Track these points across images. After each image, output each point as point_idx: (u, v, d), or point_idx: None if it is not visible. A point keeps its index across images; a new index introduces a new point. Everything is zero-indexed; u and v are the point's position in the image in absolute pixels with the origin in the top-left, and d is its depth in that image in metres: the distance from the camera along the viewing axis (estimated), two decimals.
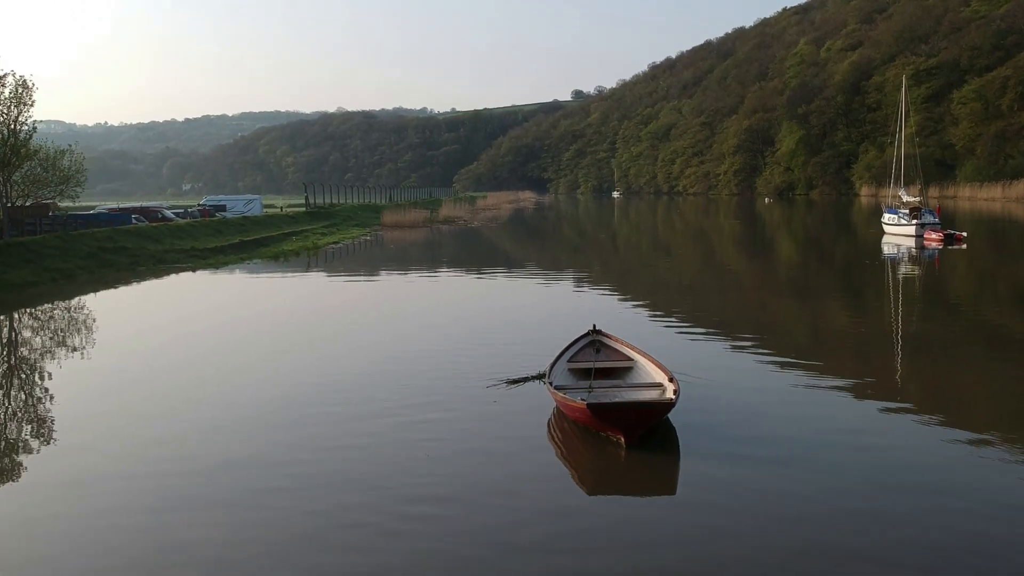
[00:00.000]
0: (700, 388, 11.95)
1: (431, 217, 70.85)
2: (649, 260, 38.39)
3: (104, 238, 33.37)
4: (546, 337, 15.45)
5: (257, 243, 41.07)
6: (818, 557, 7.01)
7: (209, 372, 14.51)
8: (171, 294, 26.83)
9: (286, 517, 7.99)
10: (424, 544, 7.39)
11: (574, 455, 9.78)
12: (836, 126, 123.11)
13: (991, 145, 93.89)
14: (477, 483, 8.77)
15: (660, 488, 8.91)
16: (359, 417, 11.08)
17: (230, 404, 12.05)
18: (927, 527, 7.52)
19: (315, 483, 8.81)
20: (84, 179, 39.79)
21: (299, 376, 13.72)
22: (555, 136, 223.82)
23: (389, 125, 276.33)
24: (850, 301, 22.71)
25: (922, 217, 41.24)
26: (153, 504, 8.35)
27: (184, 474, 9.17)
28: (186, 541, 7.53)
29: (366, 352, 15.81)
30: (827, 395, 12.01)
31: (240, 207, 60.53)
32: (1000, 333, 17.51)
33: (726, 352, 15.37)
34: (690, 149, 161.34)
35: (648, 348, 15.16)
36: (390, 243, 48.85)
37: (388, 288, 27.51)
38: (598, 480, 9.18)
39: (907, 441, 9.91)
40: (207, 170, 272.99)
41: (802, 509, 7.93)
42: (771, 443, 9.77)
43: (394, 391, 12.37)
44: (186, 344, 17.30)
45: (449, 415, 11.10)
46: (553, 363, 11.98)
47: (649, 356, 12.06)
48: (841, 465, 9.00)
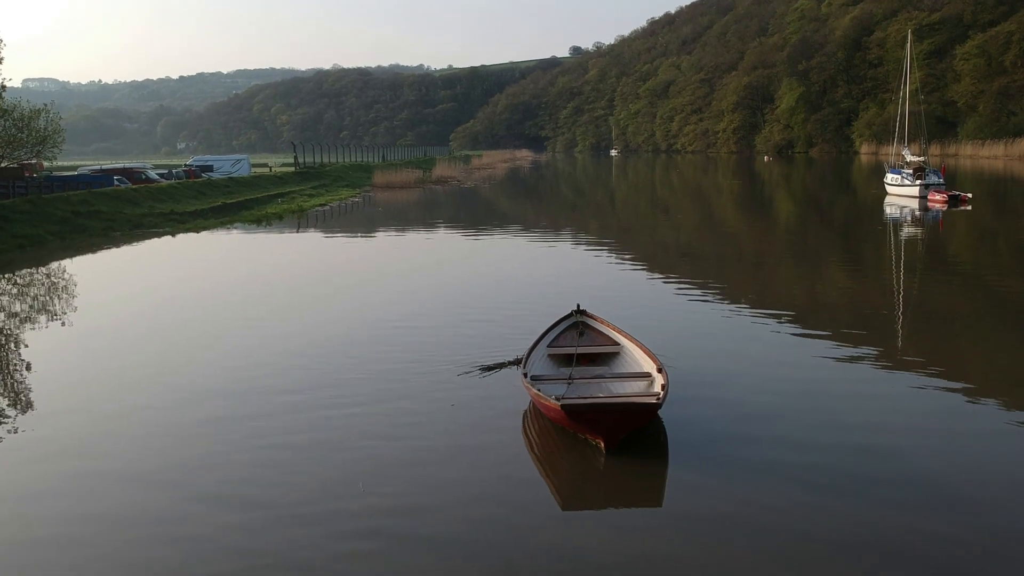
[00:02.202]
0: (694, 373, 10.98)
1: (424, 177, 69.69)
2: (647, 221, 37.44)
3: (79, 201, 32.20)
4: (529, 313, 14.56)
5: (241, 206, 39.96)
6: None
7: (159, 352, 13.57)
8: (141, 262, 25.86)
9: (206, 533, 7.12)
10: (364, 568, 6.48)
11: (549, 459, 8.69)
12: (837, 83, 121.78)
13: (994, 102, 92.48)
14: (431, 494, 7.68)
15: (644, 498, 7.81)
16: (311, 407, 10.12)
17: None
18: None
19: (236, 496, 7.90)
20: (62, 139, 38.59)
21: (257, 356, 12.75)
22: (552, 93, 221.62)
23: (385, 82, 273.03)
24: (856, 268, 21.73)
25: (926, 177, 40.09)
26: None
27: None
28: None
29: (334, 328, 14.73)
30: (838, 381, 10.90)
31: (228, 167, 59.28)
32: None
33: (724, 327, 14.29)
34: (689, 106, 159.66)
35: (642, 318, 14.35)
36: (379, 205, 47.76)
37: (371, 253, 26.58)
38: (574, 490, 8.06)
39: (929, 442, 8.78)
40: (202, 128, 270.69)
41: (808, 525, 6.91)
42: (773, 443, 8.67)
43: (357, 377, 11.37)
44: (145, 317, 16.36)
45: (411, 407, 10.10)
46: (531, 348, 10.91)
47: (637, 341, 10.98)
48: (853, 473, 7.88)
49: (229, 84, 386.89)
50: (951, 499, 7.37)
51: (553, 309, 12.90)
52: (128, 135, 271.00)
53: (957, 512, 7.11)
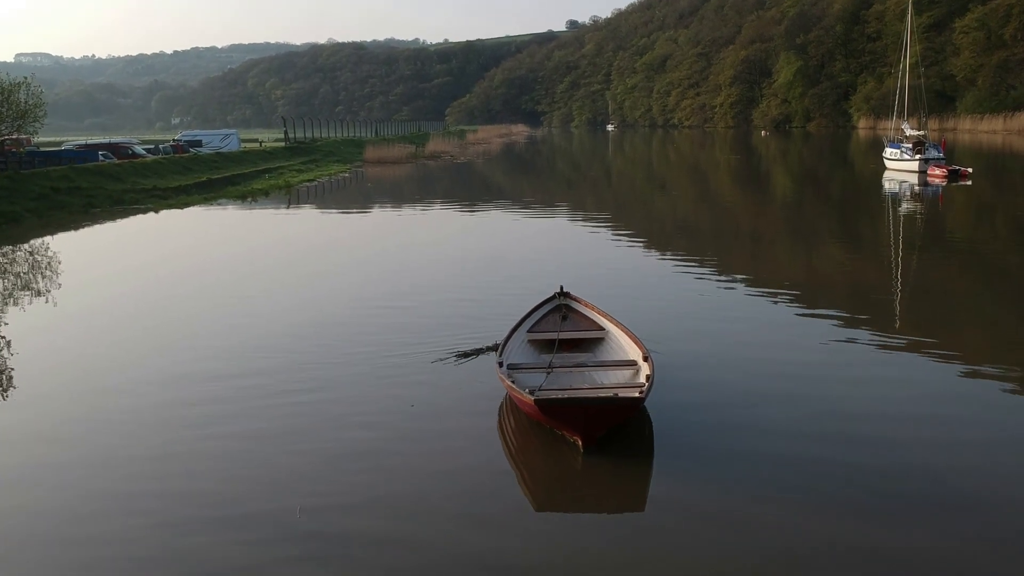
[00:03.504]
0: (685, 356, 10.43)
1: (416, 153, 68.87)
2: (643, 197, 36.80)
3: (59, 177, 31.39)
4: (518, 293, 13.99)
5: (227, 181, 39.18)
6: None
7: (128, 336, 12.99)
8: (118, 240, 25.25)
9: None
10: (318, 573, 5.93)
11: (524, 456, 8.03)
12: (835, 56, 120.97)
13: (993, 76, 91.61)
14: (392, 493, 7.07)
15: (625, 502, 7.10)
16: (269, 394, 9.55)
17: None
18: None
19: (194, 488, 7.33)
20: (43, 114, 37.65)
21: (226, 340, 12.17)
22: (549, 68, 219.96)
23: (380, 57, 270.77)
24: (854, 245, 21.18)
25: (926, 151, 39.44)
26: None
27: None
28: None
29: (308, 311, 14.06)
30: (837, 365, 10.28)
31: (217, 142, 58.43)
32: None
33: (718, 307, 13.66)
34: (686, 81, 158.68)
35: (634, 298, 13.75)
36: (370, 181, 47.03)
37: (356, 230, 25.98)
38: (550, 492, 7.38)
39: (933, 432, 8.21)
40: (196, 104, 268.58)
41: (806, 532, 6.29)
42: (768, 435, 8.02)
43: (324, 362, 10.78)
44: (121, 298, 15.78)
45: (377, 396, 9.52)
46: (510, 333, 10.23)
47: (622, 325, 10.28)
48: (853, 470, 7.23)
49: (224, 59, 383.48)
50: (956, 497, 6.80)
51: (544, 287, 12.09)
52: (122, 110, 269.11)
53: (964, 514, 6.56)
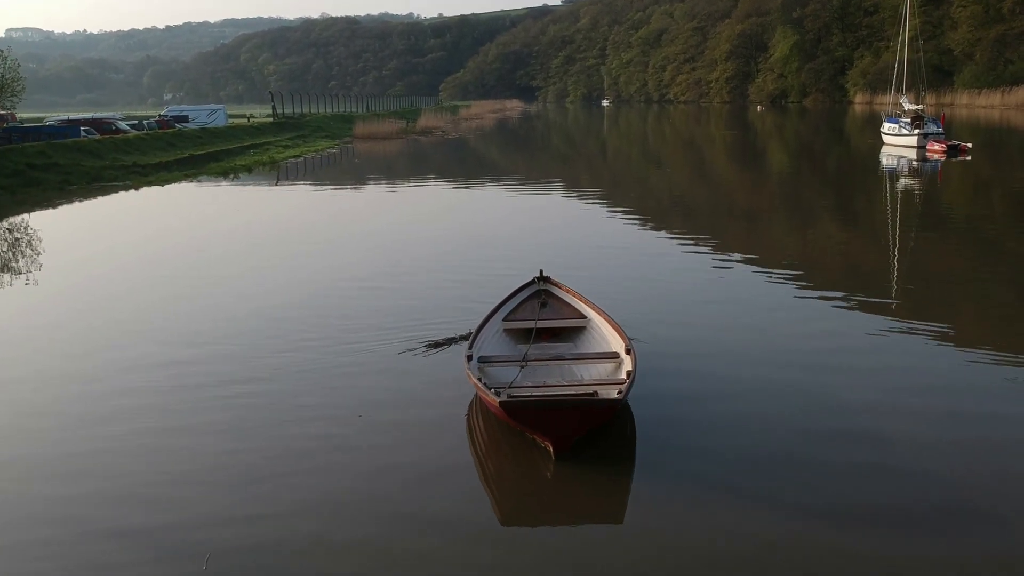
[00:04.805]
0: (671, 342, 9.83)
1: (407, 128, 67.94)
2: (637, 173, 36.07)
3: (35, 154, 30.55)
4: (501, 273, 13.34)
5: (210, 157, 38.36)
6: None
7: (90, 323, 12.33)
8: (93, 219, 24.53)
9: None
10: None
11: (492, 463, 7.28)
12: (831, 31, 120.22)
13: (991, 50, 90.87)
14: (343, 503, 6.42)
15: (601, 514, 6.42)
16: (217, 383, 8.95)
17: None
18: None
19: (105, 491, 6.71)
20: (21, 88, 36.94)
21: (187, 324, 11.51)
22: (544, 42, 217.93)
23: (373, 31, 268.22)
24: (852, 223, 20.65)
25: (925, 126, 38.73)
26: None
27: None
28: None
29: (277, 295, 13.39)
30: (835, 352, 9.62)
31: (204, 118, 57.51)
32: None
33: (710, 288, 13.00)
34: (682, 55, 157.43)
35: (624, 279, 13.11)
36: (358, 157, 46.23)
37: (340, 207, 25.32)
38: (518, 503, 6.68)
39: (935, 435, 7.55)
40: (188, 79, 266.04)
41: (803, 548, 5.69)
42: (763, 434, 7.37)
43: (284, 349, 10.14)
44: (87, 281, 15.18)
45: (333, 391, 8.83)
46: (484, 321, 9.44)
47: (605, 314, 9.48)
48: (856, 476, 6.59)
49: (216, 34, 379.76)
50: (961, 504, 6.20)
51: (530, 268, 11.22)
52: (114, 86, 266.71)
53: (972, 523, 5.96)
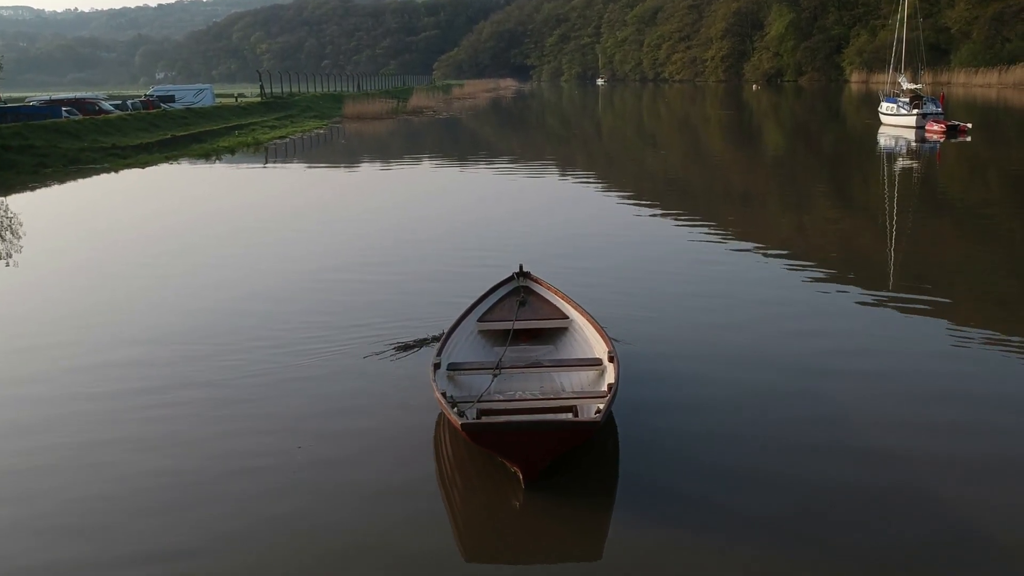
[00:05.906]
0: (660, 343, 9.15)
1: (398, 108, 67.04)
2: (631, 154, 35.38)
3: (10, 135, 29.68)
4: (487, 266, 12.69)
5: (193, 138, 37.51)
6: None
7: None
8: (64, 203, 23.81)
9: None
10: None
11: (457, 489, 6.46)
12: (827, 9, 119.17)
13: (988, 28, 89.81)
14: (284, 535, 5.70)
15: (576, 549, 5.64)
16: (149, 390, 8.30)
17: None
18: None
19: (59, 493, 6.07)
20: None
21: (151, 317, 10.87)
22: (538, 20, 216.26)
23: (367, 9, 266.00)
24: (849, 206, 20.06)
25: (924, 106, 38.03)
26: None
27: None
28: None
29: (240, 286, 12.75)
30: (836, 353, 8.89)
31: (190, 97, 56.83)
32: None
33: (704, 278, 12.26)
34: (677, 34, 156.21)
35: (615, 269, 12.52)
36: (345, 137, 45.42)
37: (324, 191, 24.58)
38: (486, 533, 5.92)
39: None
40: (180, 58, 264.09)
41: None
42: (761, 450, 6.66)
43: (238, 350, 9.46)
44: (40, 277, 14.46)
45: (282, 402, 8.02)
46: (457, 321, 8.63)
47: (588, 314, 8.67)
48: (865, 499, 5.94)
49: (209, 12, 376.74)
50: (964, 528, 5.58)
51: (515, 259, 10.37)
52: (105, 65, 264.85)
53: (974, 548, 5.34)
